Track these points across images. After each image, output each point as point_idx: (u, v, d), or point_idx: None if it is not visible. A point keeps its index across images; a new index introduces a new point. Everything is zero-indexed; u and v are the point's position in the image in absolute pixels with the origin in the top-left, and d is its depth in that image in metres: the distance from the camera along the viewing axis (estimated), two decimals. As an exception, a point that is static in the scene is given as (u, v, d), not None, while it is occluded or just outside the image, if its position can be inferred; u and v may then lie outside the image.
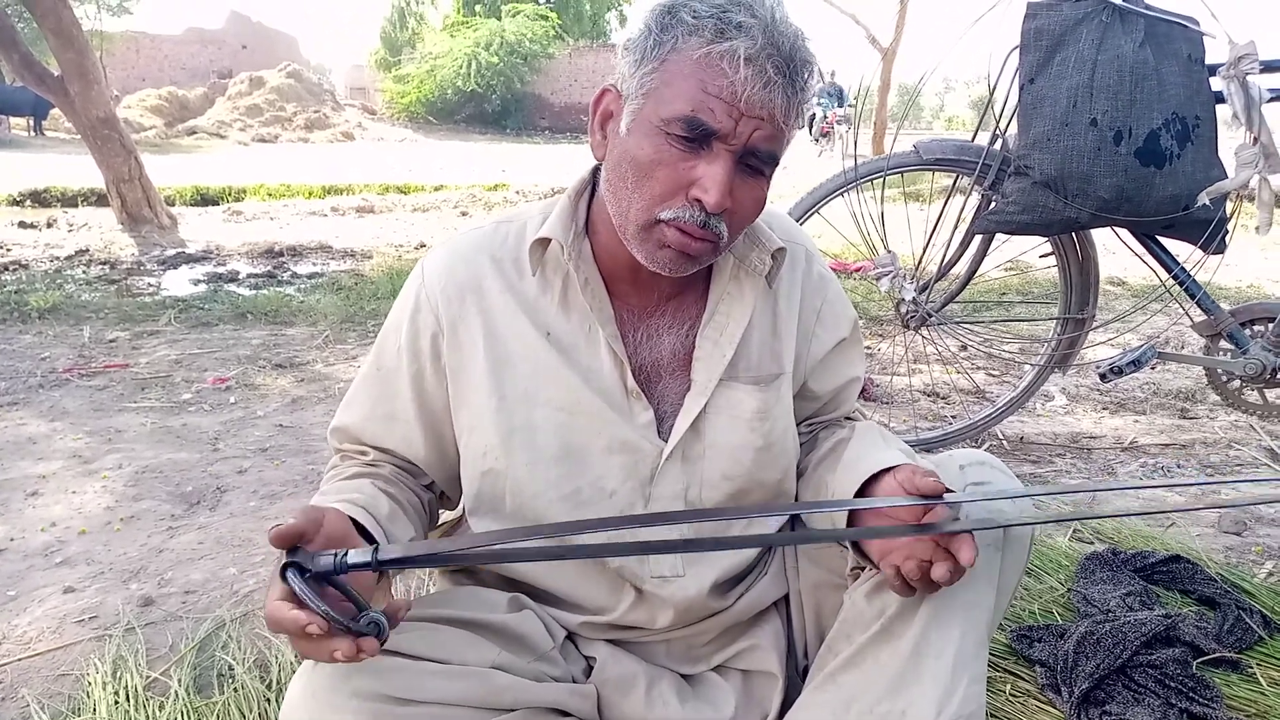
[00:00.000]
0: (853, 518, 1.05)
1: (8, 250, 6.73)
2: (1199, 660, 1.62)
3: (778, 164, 1.03)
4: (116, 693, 1.56)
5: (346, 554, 0.82)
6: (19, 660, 1.69)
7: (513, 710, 1.03)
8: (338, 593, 0.83)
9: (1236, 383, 2.62)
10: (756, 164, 1.00)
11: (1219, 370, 2.59)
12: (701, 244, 1.01)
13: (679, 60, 0.95)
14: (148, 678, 1.62)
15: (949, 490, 0.94)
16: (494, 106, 31.67)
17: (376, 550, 0.83)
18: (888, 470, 1.03)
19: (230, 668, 1.64)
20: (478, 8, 33.06)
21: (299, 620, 0.78)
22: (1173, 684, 1.52)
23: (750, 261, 1.15)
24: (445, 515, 1.35)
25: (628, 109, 1.01)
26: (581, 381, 1.11)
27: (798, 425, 1.26)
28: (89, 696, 1.55)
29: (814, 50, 0.98)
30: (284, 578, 0.80)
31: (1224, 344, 2.55)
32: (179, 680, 1.59)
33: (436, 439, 1.19)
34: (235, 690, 1.57)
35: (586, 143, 1.12)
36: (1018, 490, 1.05)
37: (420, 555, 0.86)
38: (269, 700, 1.54)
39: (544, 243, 1.11)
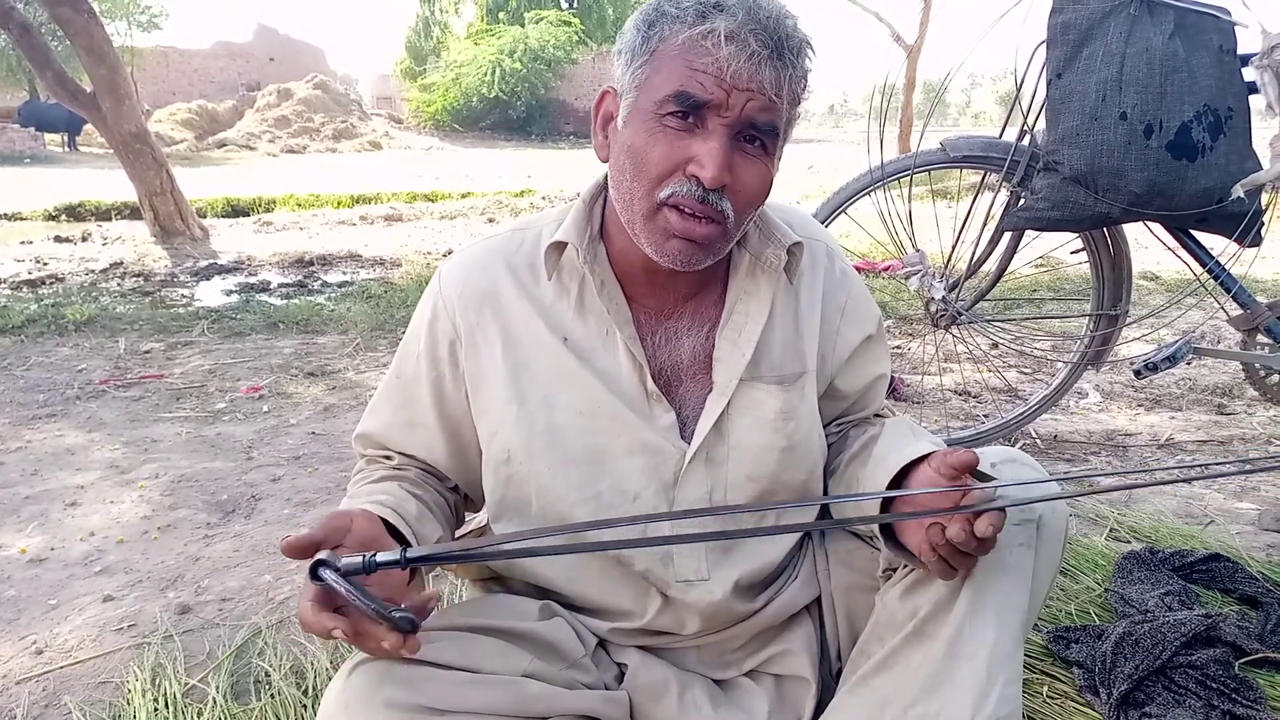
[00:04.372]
0: (886, 508, 1.05)
1: (44, 264, 6.86)
2: (1241, 661, 1.59)
3: (780, 139, 1.02)
4: (156, 700, 1.58)
5: (375, 554, 0.83)
6: (61, 668, 1.72)
7: (546, 718, 1.03)
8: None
9: (1275, 377, 2.57)
10: (755, 135, 0.99)
11: (1256, 365, 2.54)
12: (707, 227, 1.00)
13: (665, 49, 0.98)
14: (186, 685, 1.64)
15: (980, 467, 0.94)
16: (519, 113, 31.87)
17: (405, 550, 0.84)
18: (920, 460, 1.02)
19: (267, 674, 1.66)
20: (501, 15, 33.29)
21: (325, 625, 0.82)
22: (1214, 685, 1.49)
23: (765, 258, 1.14)
24: (470, 521, 1.36)
25: (623, 104, 1.02)
26: (600, 384, 1.11)
27: (827, 426, 1.25)
28: (129, 704, 1.58)
29: (803, 29, 0.99)
30: (315, 576, 0.81)
31: (1261, 338, 2.50)
32: (216, 687, 1.61)
33: (458, 444, 1.21)
34: (272, 697, 1.58)
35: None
36: (1049, 481, 1.04)
37: (447, 553, 0.86)
38: (305, 706, 1.56)
39: (559, 247, 1.12)
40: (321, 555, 0.82)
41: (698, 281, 1.14)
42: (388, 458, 1.23)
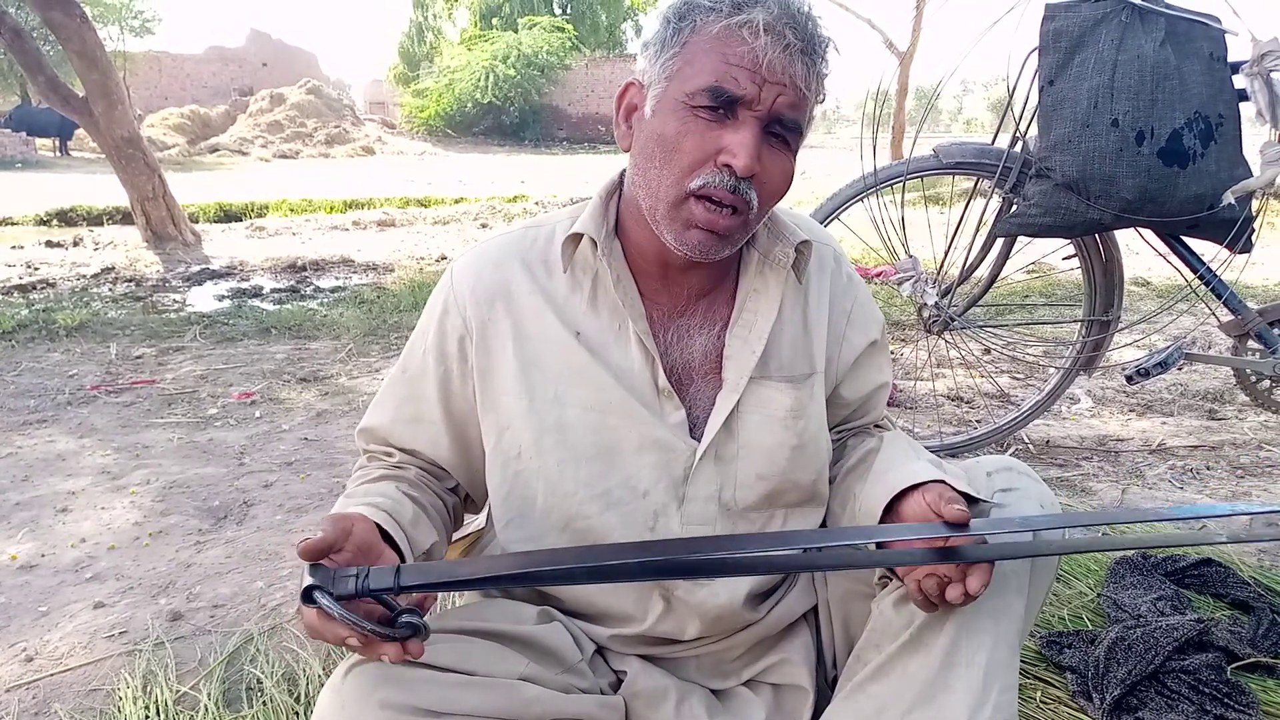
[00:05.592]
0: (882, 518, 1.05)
1: (35, 269, 6.83)
2: (1233, 665, 1.60)
3: (802, 136, 1.04)
4: (147, 707, 1.57)
5: (368, 575, 0.83)
6: (51, 675, 1.71)
7: (540, 722, 1.03)
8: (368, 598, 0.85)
9: (1266, 383, 2.58)
10: (781, 132, 1.01)
11: (1247, 370, 2.55)
12: (730, 219, 1.01)
13: (699, 39, 0.99)
14: (177, 692, 1.63)
15: (975, 513, 0.94)
16: (512, 119, 31.86)
17: (399, 572, 0.84)
18: (917, 486, 1.02)
19: (259, 681, 1.65)
20: (494, 21, 33.32)
21: (339, 634, 0.82)
22: (1207, 690, 1.50)
23: (774, 256, 1.15)
24: (469, 524, 1.35)
25: (651, 94, 1.03)
26: (612, 379, 1.11)
27: (828, 432, 1.25)
28: (120, 711, 1.57)
29: (826, 30, 1.01)
30: (309, 600, 0.81)
31: (1252, 344, 2.52)
32: (208, 694, 1.60)
33: (462, 442, 1.20)
34: (264, 704, 1.58)
35: (605, 152, 1.13)
36: (1043, 510, 1.05)
37: (441, 581, 0.86)
38: (297, 713, 1.55)
39: (575, 240, 1.12)
40: (310, 580, 0.81)
41: (710, 280, 1.15)
42: (389, 454, 1.23)
